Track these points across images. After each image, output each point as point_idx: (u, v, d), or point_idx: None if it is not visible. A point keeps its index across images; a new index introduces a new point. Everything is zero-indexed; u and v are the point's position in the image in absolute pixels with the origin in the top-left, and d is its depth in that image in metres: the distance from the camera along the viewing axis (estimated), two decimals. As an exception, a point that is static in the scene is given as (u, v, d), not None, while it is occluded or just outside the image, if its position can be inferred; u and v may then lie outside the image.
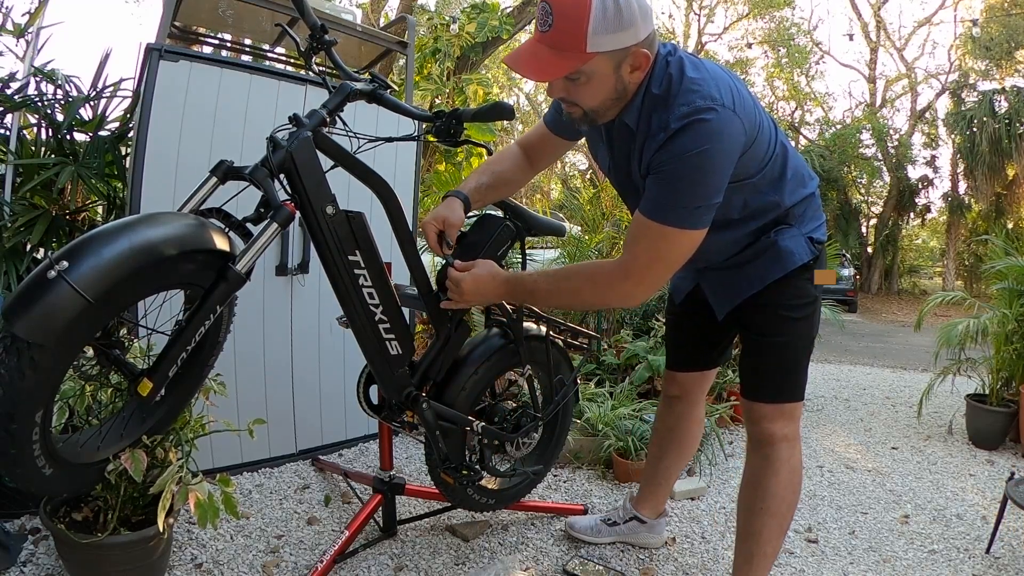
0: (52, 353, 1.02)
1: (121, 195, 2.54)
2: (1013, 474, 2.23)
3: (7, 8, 2.59)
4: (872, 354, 7.14)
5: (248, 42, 3.34)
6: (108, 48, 2.95)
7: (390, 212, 1.50)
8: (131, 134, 2.54)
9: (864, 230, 18.60)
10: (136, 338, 1.65)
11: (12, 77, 2.53)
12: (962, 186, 16.26)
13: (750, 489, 1.65)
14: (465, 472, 1.71)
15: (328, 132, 1.39)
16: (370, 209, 1.48)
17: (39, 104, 2.53)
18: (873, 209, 19.19)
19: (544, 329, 1.89)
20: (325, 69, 1.60)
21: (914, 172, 17.34)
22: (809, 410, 4.00)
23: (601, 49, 1.25)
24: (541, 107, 19.38)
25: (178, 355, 1.21)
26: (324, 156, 1.37)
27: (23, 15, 2.71)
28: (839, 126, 17.95)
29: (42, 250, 2.48)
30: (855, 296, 13.12)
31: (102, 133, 2.65)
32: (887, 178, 17.57)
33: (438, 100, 6.40)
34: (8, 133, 2.44)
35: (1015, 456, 3.19)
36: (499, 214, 1.77)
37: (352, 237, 1.41)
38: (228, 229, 1.28)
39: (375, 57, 3.38)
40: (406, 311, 1.73)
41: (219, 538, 1.98)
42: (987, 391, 3.43)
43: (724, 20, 19.17)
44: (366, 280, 1.46)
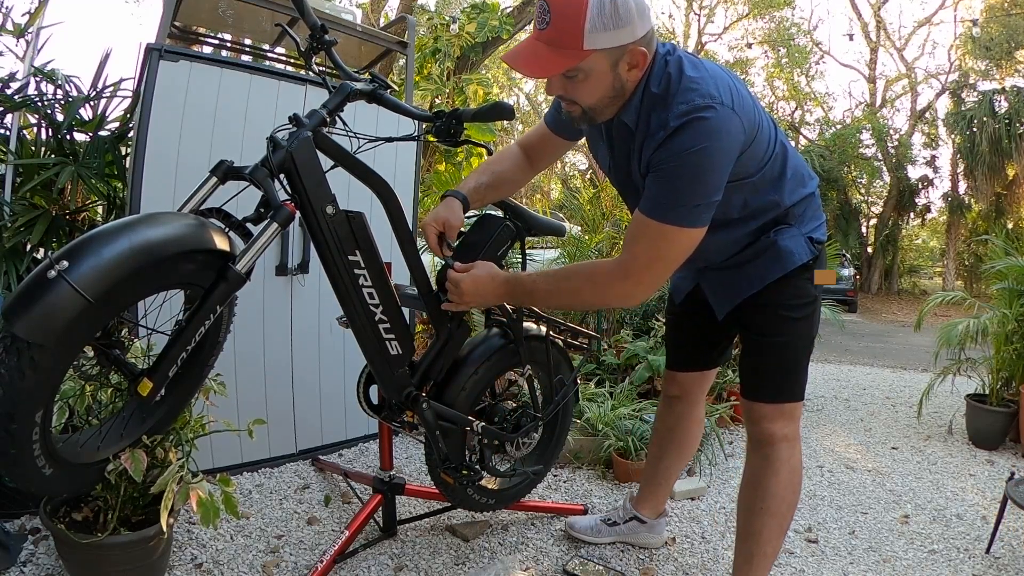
0: (52, 353, 1.02)
1: (121, 195, 2.54)
2: (1013, 474, 2.23)
3: (7, 8, 2.59)
4: (872, 354, 7.13)
5: (248, 42, 3.34)
6: (108, 48, 2.96)
7: (390, 212, 1.50)
8: (131, 134, 2.54)
9: (864, 230, 18.61)
10: (136, 338, 1.65)
11: (12, 77, 2.53)
12: (962, 186, 16.28)
13: (750, 489, 1.65)
14: (465, 472, 1.71)
15: (328, 132, 1.39)
16: (370, 209, 1.49)
17: (39, 104, 2.53)
18: (873, 209, 19.20)
19: (544, 329, 1.89)
20: (325, 69, 1.60)
21: (914, 172, 17.38)
22: (809, 410, 4.00)
23: (598, 46, 1.25)
24: (541, 107, 19.37)
25: (178, 355, 1.21)
26: (324, 156, 1.37)
27: (23, 15, 2.71)
28: (839, 126, 17.95)
29: (42, 250, 2.48)
30: (855, 296, 13.12)
31: (102, 133, 2.65)
32: (887, 178, 17.57)
33: (438, 100, 6.39)
34: (8, 133, 2.44)
35: (1015, 456, 3.19)
36: (499, 214, 1.78)
37: (352, 237, 1.42)
38: (228, 229, 1.28)
39: (375, 57, 3.38)
40: (406, 311, 1.73)
41: (219, 538, 1.98)
42: (987, 391, 3.43)
43: (724, 20, 19.20)
44: (366, 280, 1.46)
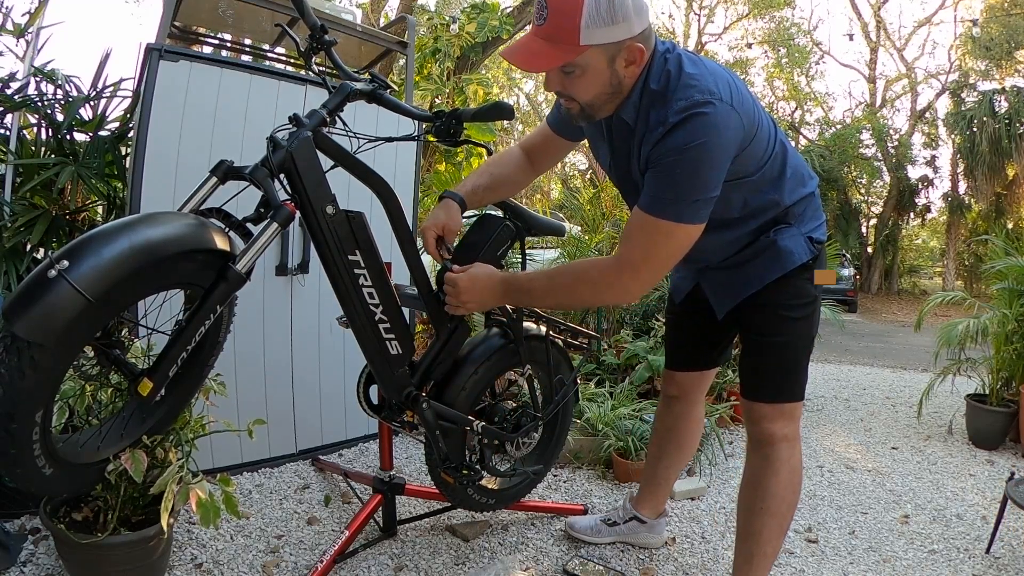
0: (52, 353, 1.02)
1: (121, 195, 2.54)
2: (1013, 474, 2.23)
3: (7, 8, 2.59)
4: (872, 354, 7.13)
5: (248, 42, 3.34)
6: (108, 48, 2.96)
7: (390, 212, 1.50)
8: (131, 134, 2.54)
9: (864, 230, 18.61)
10: (136, 338, 1.65)
11: (12, 77, 2.53)
12: (962, 186, 16.28)
13: (750, 489, 1.65)
14: (465, 472, 1.71)
15: (328, 132, 1.39)
16: (370, 209, 1.49)
17: (39, 104, 2.53)
18: (873, 209, 19.20)
19: (544, 329, 1.89)
20: (325, 69, 1.60)
21: (914, 172, 17.38)
22: (809, 410, 4.00)
23: (594, 42, 1.26)
24: (541, 107, 19.37)
25: (178, 355, 1.21)
26: (324, 156, 1.38)
27: (23, 15, 2.71)
28: (839, 126, 17.96)
29: (42, 250, 2.48)
30: (855, 296, 13.13)
31: (102, 133, 2.65)
32: (887, 178, 17.58)
33: (438, 100, 6.39)
34: (8, 133, 2.44)
35: (1015, 456, 3.19)
36: (499, 214, 1.78)
37: (352, 237, 1.42)
38: (228, 229, 1.28)
39: (375, 57, 3.38)
40: (406, 311, 1.73)
41: (219, 538, 1.98)
42: (987, 391, 3.43)
43: (724, 20, 19.21)
44: (366, 280, 1.46)
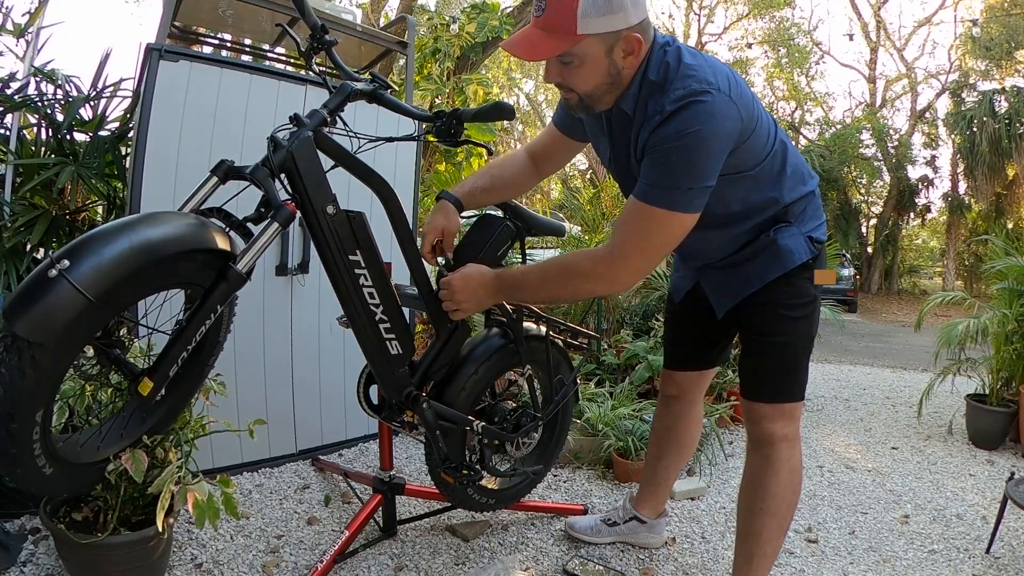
0: (52, 352, 1.02)
1: (121, 195, 2.54)
2: (1013, 474, 2.23)
3: (7, 8, 2.59)
4: (872, 354, 7.13)
5: (248, 42, 3.34)
6: (108, 48, 2.96)
7: (390, 212, 1.50)
8: (131, 134, 2.54)
9: (864, 230, 18.61)
10: (136, 338, 1.65)
11: (12, 77, 2.53)
12: (962, 186, 16.29)
13: (750, 489, 1.65)
14: (465, 472, 1.71)
15: (328, 132, 1.39)
16: (370, 209, 1.49)
17: (39, 104, 2.53)
18: (873, 209, 19.20)
19: (544, 329, 1.89)
20: (325, 69, 1.60)
21: (914, 172, 17.38)
22: (809, 410, 4.00)
23: (591, 31, 1.28)
24: (541, 107, 19.38)
25: (179, 355, 1.21)
26: (325, 156, 1.38)
27: (23, 15, 2.71)
28: (839, 126, 17.96)
29: (42, 250, 2.48)
30: (855, 296, 13.13)
31: (102, 133, 2.65)
32: (887, 178, 17.59)
33: (438, 100, 6.40)
34: (8, 133, 2.44)
35: (1015, 456, 3.19)
36: (499, 214, 1.78)
37: (353, 237, 1.42)
38: (229, 229, 1.28)
39: (375, 57, 3.38)
40: (406, 311, 1.73)
41: (219, 538, 1.98)
42: (987, 391, 3.43)
43: (724, 20, 19.20)
44: (366, 280, 1.46)
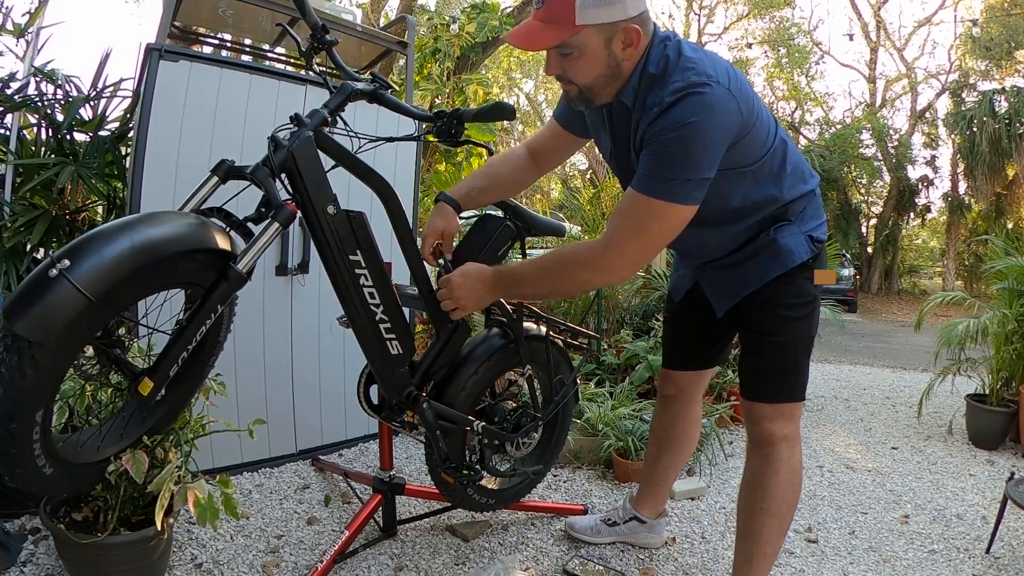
0: (53, 352, 1.02)
1: (121, 195, 2.54)
2: (1013, 474, 2.23)
3: (7, 8, 2.59)
4: (872, 354, 7.13)
5: (248, 42, 3.34)
6: (108, 48, 2.96)
7: (391, 212, 1.50)
8: (131, 134, 2.54)
9: (864, 230, 18.61)
10: (137, 337, 1.65)
11: (12, 77, 2.53)
12: (962, 186, 16.28)
13: (750, 489, 1.65)
14: (465, 472, 1.71)
15: (329, 132, 1.39)
16: (370, 209, 1.49)
17: (39, 104, 2.53)
18: (873, 209, 19.20)
19: (544, 329, 1.89)
20: (326, 69, 1.60)
21: (914, 172, 17.38)
22: (809, 410, 4.00)
23: (589, 21, 1.29)
24: (541, 107, 19.38)
25: (179, 355, 1.21)
26: (325, 156, 1.38)
27: (23, 15, 2.71)
28: (839, 126, 17.96)
29: (42, 250, 2.48)
30: (855, 296, 13.13)
31: (102, 133, 2.65)
32: (887, 178, 17.58)
33: (438, 100, 6.40)
34: (8, 133, 2.44)
35: (1015, 456, 3.19)
36: (499, 214, 1.78)
37: (353, 237, 1.42)
38: (229, 228, 1.28)
39: (375, 57, 3.38)
40: (406, 311, 1.73)
41: (219, 538, 1.98)
42: (987, 391, 3.43)
43: (724, 20, 19.21)
44: (367, 280, 1.46)
